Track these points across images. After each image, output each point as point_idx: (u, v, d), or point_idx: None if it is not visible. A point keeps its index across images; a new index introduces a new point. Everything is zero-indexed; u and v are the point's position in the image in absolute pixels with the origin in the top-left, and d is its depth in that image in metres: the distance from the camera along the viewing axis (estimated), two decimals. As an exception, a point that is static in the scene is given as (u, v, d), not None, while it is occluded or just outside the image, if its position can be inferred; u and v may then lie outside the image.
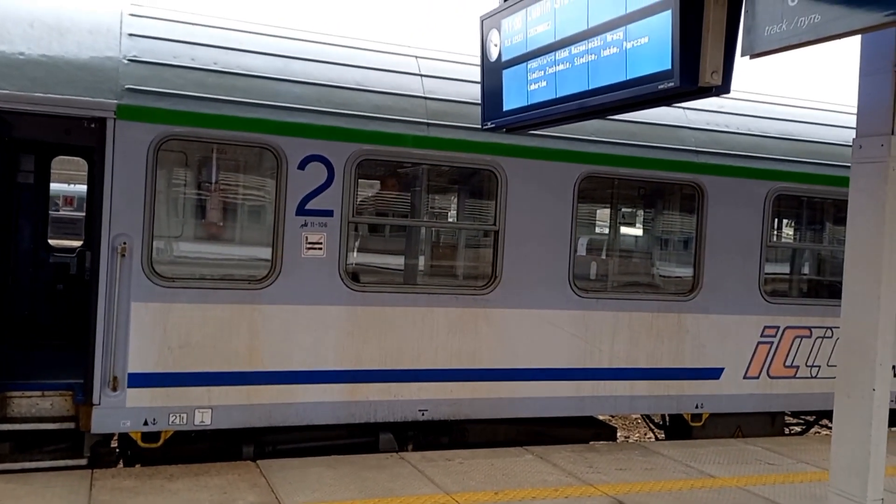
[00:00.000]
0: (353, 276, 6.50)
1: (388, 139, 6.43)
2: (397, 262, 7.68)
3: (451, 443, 6.88)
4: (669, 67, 3.75)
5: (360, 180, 6.56)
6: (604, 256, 8.12)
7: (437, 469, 5.99)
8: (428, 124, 6.55)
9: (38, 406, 5.88)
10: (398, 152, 6.54)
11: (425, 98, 6.65)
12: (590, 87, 4.49)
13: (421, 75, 6.79)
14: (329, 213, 6.28)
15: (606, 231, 8.32)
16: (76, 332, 6.55)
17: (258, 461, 6.01)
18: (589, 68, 4.47)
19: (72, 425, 5.86)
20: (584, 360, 7.02)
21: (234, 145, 6.28)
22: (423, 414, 6.57)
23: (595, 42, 4.37)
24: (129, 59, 5.86)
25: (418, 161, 6.84)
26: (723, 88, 3.80)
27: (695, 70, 3.70)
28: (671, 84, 3.75)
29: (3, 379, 5.93)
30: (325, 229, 6.27)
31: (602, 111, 4.87)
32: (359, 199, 6.64)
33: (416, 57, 6.97)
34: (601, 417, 7.89)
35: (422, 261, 7.55)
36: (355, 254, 6.82)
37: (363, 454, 6.35)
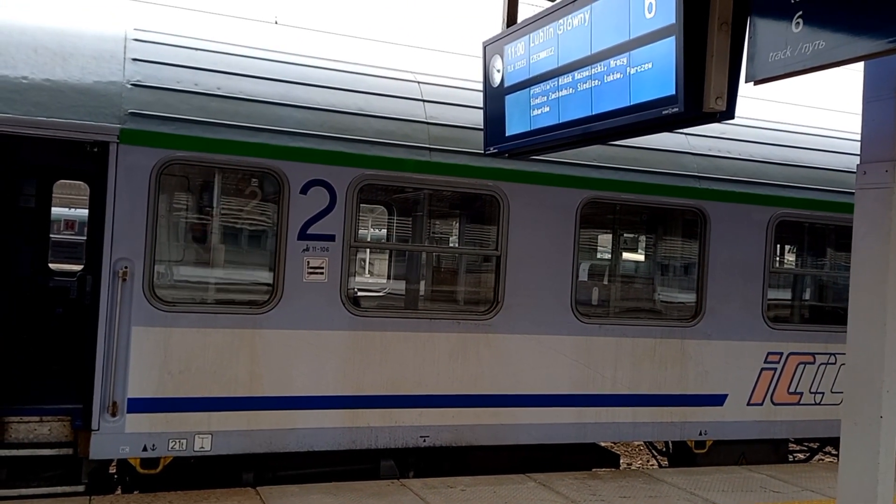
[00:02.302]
0: (355, 301, 6.46)
1: (390, 164, 6.44)
2: (399, 287, 7.66)
3: (453, 469, 6.80)
4: (674, 93, 3.76)
5: (363, 205, 6.56)
6: (606, 282, 8.09)
7: (438, 496, 5.92)
8: (430, 149, 6.56)
9: (36, 431, 5.82)
10: (400, 177, 6.54)
11: (427, 123, 6.68)
12: (593, 113, 4.50)
13: (423, 100, 6.82)
14: (331, 238, 6.27)
15: (608, 256, 8.31)
16: (75, 357, 6.49)
17: (258, 488, 5.94)
18: (592, 94, 4.48)
19: (70, 451, 5.80)
20: (587, 386, 6.97)
21: (236, 170, 6.29)
22: (424, 440, 6.51)
23: (598, 68, 4.39)
24: (132, 84, 5.89)
25: (420, 186, 6.85)
26: (727, 114, 3.81)
27: (699, 96, 3.71)
28: (675, 109, 3.76)
29: (1, 404, 5.88)
30: (326, 254, 6.26)
31: (605, 136, 4.89)
32: (360, 225, 6.64)
33: (419, 82, 7.01)
34: (604, 444, 7.81)
35: (423, 286, 7.53)
36: (358, 278, 6.80)
37: (364, 481, 6.28)
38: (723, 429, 7.50)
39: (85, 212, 10.43)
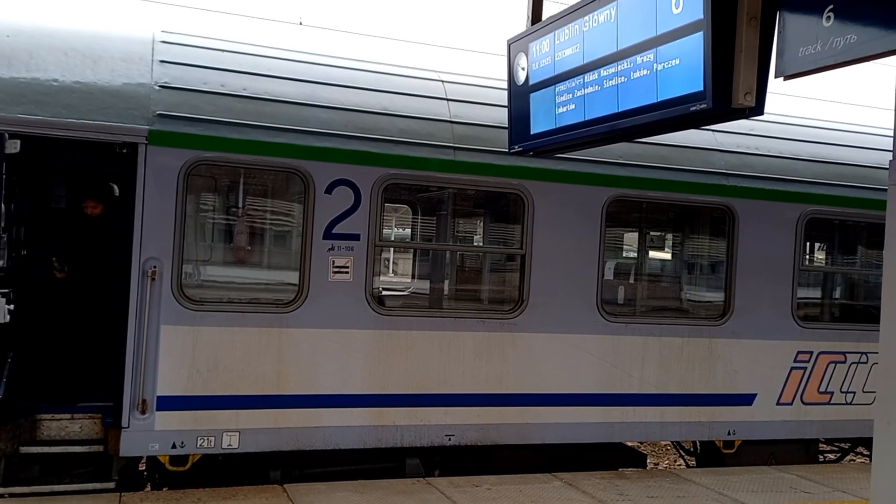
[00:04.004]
0: (380, 300, 6.48)
1: (415, 163, 6.44)
2: (423, 286, 7.67)
3: (478, 468, 6.79)
4: (702, 89, 3.72)
5: (388, 204, 6.57)
6: (632, 280, 8.03)
7: (464, 495, 5.92)
8: (454, 148, 6.56)
9: (68, 429, 5.91)
10: (424, 176, 6.55)
11: (452, 122, 6.67)
12: (619, 110, 4.46)
13: (447, 99, 6.82)
14: (356, 237, 6.29)
15: (635, 255, 8.25)
16: (106, 356, 6.58)
17: (285, 485, 5.98)
18: (619, 91, 4.45)
19: (100, 448, 5.88)
20: (613, 385, 6.93)
21: (262, 170, 6.34)
22: (449, 439, 6.51)
23: (625, 64, 4.35)
24: (160, 86, 5.95)
25: (444, 185, 6.85)
26: (756, 110, 3.76)
27: (728, 92, 3.67)
28: (704, 106, 3.72)
29: (33, 402, 5.98)
30: (351, 253, 6.28)
31: (632, 133, 4.85)
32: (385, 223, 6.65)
33: (443, 81, 7.01)
34: (630, 444, 7.75)
35: (447, 285, 7.53)
36: (383, 277, 6.82)
37: (390, 479, 6.29)
38: (752, 429, 7.41)
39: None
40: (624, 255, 8.30)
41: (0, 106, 5.51)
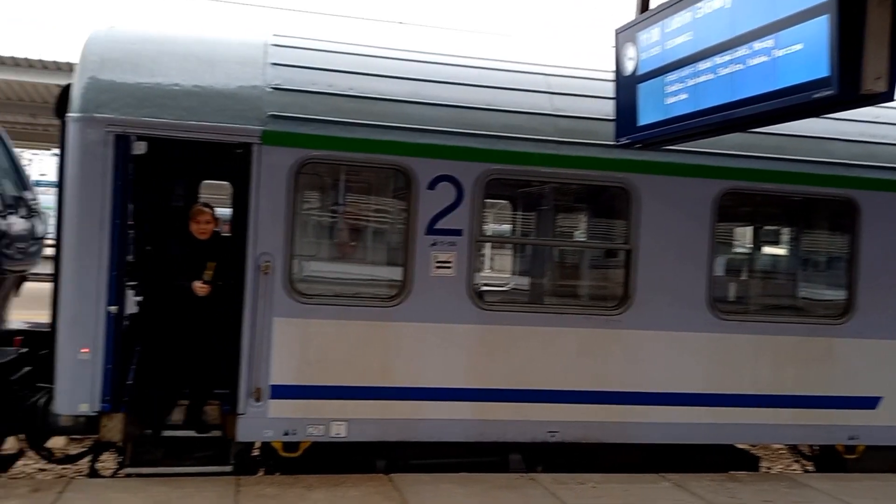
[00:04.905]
0: (481, 295, 6.49)
1: (517, 158, 6.42)
2: (524, 281, 7.64)
3: (581, 466, 6.71)
4: (827, 74, 3.51)
5: (488, 199, 6.58)
6: (744, 277, 7.72)
7: (569, 492, 5.86)
8: (557, 142, 6.49)
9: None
10: (526, 171, 6.52)
11: (554, 116, 6.61)
12: (735, 99, 4.28)
13: (550, 93, 6.76)
14: (458, 233, 6.33)
15: (747, 250, 7.91)
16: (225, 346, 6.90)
17: (391, 475, 6.10)
18: (734, 79, 4.27)
19: (219, 433, 6.18)
20: (724, 385, 6.68)
21: (367, 167, 6.48)
22: (552, 435, 6.46)
23: (741, 51, 4.17)
24: (272, 88, 6.17)
25: (546, 179, 6.79)
26: (887, 96, 3.52)
27: (856, 77, 3.45)
28: (829, 92, 3.52)
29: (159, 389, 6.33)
30: (454, 248, 6.33)
31: (748, 123, 4.64)
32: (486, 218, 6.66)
33: (545, 74, 6.95)
34: (741, 446, 7.46)
35: (548, 280, 7.47)
36: (484, 273, 6.83)
37: (493, 473, 6.31)
38: (875, 433, 6.98)
39: (226, 210, 11.06)
40: (736, 250, 7.97)
41: (128, 110, 5.86)
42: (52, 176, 16.98)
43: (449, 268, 6.33)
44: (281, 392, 6.05)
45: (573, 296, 7.49)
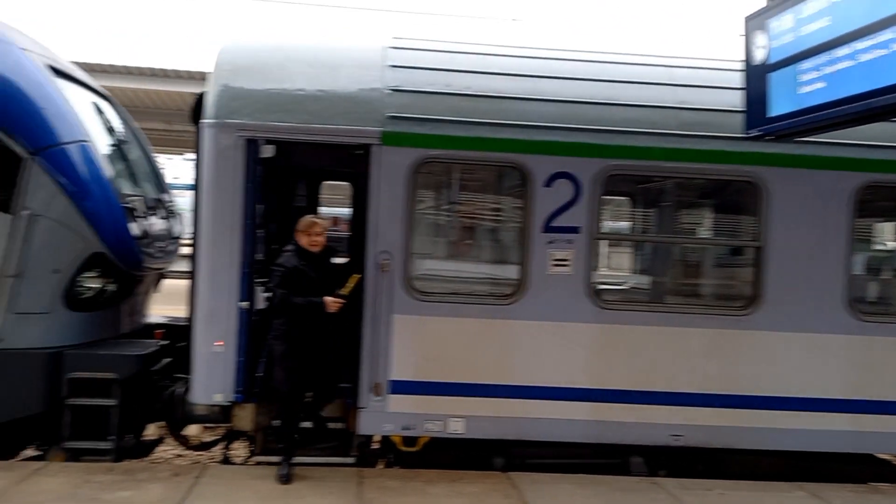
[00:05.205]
0: (599, 293, 6.38)
1: (637, 153, 6.26)
2: (645, 280, 7.43)
3: (706, 471, 6.47)
4: None
5: (607, 196, 6.45)
6: (888, 276, 7.18)
7: (695, 498, 5.67)
8: (680, 135, 6.28)
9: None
10: (647, 166, 6.34)
11: (677, 108, 6.39)
12: (878, 87, 4.01)
13: (672, 85, 6.54)
14: (575, 230, 6.25)
15: (891, 247, 7.36)
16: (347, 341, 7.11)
17: (509, 473, 6.10)
18: (877, 65, 3.99)
19: (342, 426, 6.38)
20: (866, 390, 6.25)
21: (484, 165, 6.49)
22: (676, 439, 6.26)
23: (885, 35, 3.90)
24: (391, 90, 6.30)
25: (669, 174, 6.58)
26: None
27: None
28: None
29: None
30: (571, 246, 6.24)
31: (892, 112, 4.32)
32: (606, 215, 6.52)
33: (666, 66, 6.73)
34: (882, 456, 6.96)
35: (673, 279, 7.23)
36: (602, 271, 6.70)
37: (614, 475, 6.18)
38: None
39: (344, 209, 11.40)
40: (877, 247, 7.43)
41: (256, 115, 6.15)
42: (186, 179, 18.09)
43: (566, 266, 6.26)
44: (400, 387, 6.18)
45: (697, 295, 7.22)
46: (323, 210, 9.83)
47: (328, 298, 5.72)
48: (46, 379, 6.19)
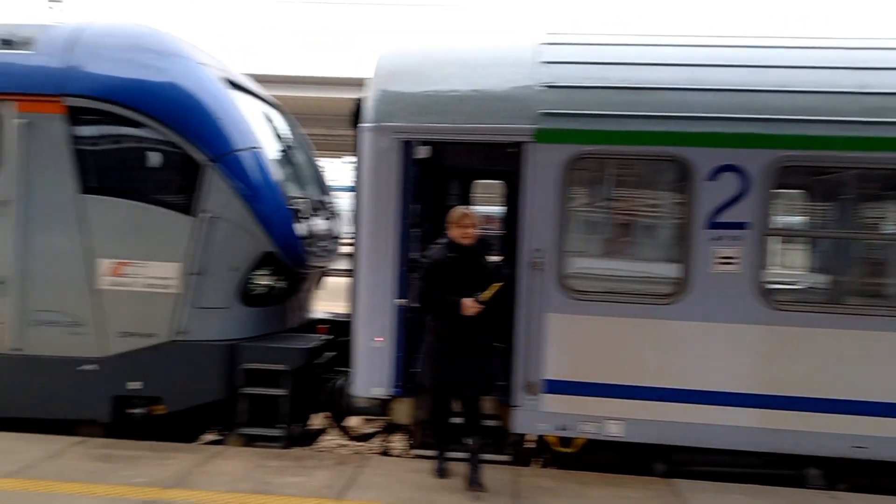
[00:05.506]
0: (769, 293, 5.97)
1: (813, 143, 5.81)
2: (821, 279, 6.89)
3: (894, 488, 5.89)
4: None
5: (778, 189, 6.03)
6: None
7: (881, 518, 5.18)
8: (864, 123, 5.75)
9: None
10: (825, 156, 5.86)
11: (860, 94, 5.86)
12: None
13: (853, 68, 6.00)
14: (742, 226, 5.89)
15: None
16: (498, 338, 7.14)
17: (671, 480, 5.86)
18: None
19: (497, 423, 6.40)
20: None
21: (640, 160, 6.28)
22: (859, 451, 5.74)
23: None
24: (543, 86, 6.23)
25: (850, 165, 6.05)
26: None
27: None
28: None
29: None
30: (738, 243, 5.90)
31: None
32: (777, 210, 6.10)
33: (845, 48, 6.20)
34: None
35: (855, 278, 6.64)
36: (773, 269, 6.27)
37: (790, 488, 5.77)
38: None
39: (495, 208, 11.44)
40: None
41: (412, 118, 6.30)
42: (344, 181, 18.94)
43: (733, 263, 5.92)
44: (555, 387, 6.10)
45: (882, 295, 6.59)
46: (476, 209, 9.89)
47: (466, 301, 5.42)
48: (224, 369, 6.68)
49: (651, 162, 6.31)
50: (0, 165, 6.69)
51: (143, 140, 6.73)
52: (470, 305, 5.43)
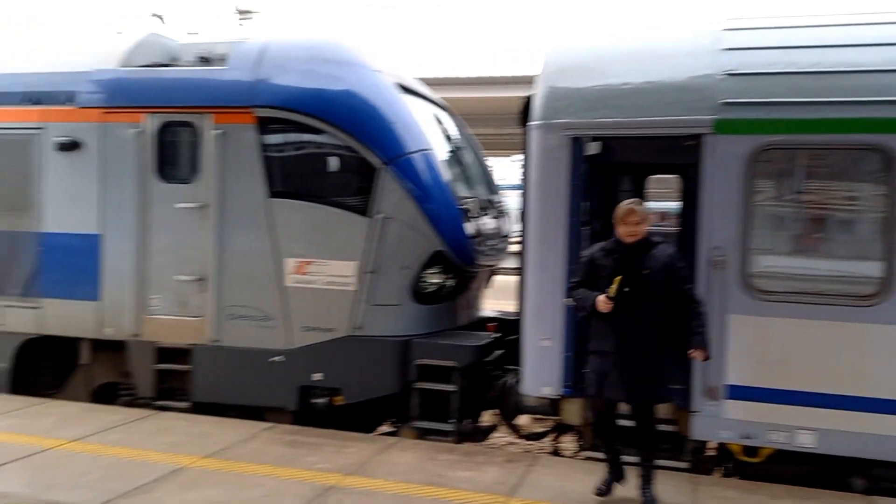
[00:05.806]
0: None
1: None
2: None
3: None
4: None
5: None
6: None
7: None
8: None
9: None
10: None
11: None
12: None
13: None
14: None
15: None
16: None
17: (872, 497, 5.33)
18: None
19: (673, 428, 6.14)
20: None
21: (834, 150, 5.77)
22: None
23: None
24: (724, 74, 5.89)
25: None
26: None
27: None
28: None
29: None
30: None
31: None
32: None
33: None
34: None
35: None
36: None
37: None
38: None
39: (670, 204, 10.98)
40: None
41: (581, 113, 6.19)
42: (512, 179, 19.03)
43: (944, 262, 5.28)
44: (738, 393, 5.75)
45: None
46: (650, 205, 9.57)
47: (599, 298, 5.05)
48: (398, 364, 6.93)
49: (846, 151, 5.78)
50: (199, 173, 7.35)
51: (323, 146, 7.14)
52: (602, 302, 5.04)
